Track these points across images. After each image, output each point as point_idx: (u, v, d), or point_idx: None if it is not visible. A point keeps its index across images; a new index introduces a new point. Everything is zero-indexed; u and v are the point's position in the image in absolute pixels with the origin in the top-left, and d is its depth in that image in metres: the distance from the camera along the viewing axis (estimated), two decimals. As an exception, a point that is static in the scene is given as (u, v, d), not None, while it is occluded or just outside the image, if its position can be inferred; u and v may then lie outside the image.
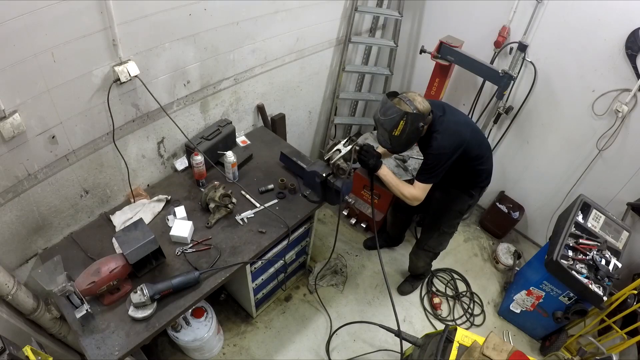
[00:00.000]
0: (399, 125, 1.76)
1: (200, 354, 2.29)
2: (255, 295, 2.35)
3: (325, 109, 3.27)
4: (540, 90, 2.71)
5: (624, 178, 2.60)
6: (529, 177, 3.12)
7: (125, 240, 1.60)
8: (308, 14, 2.45)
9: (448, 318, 2.79)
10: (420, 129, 1.82)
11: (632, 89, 2.28)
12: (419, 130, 1.82)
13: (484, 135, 2.26)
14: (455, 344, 1.75)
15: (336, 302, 2.77)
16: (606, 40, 2.29)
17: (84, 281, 1.51)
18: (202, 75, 2.08)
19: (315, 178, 2.04)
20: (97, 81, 1.63)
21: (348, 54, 2.92)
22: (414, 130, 1.80)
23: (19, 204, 1.63)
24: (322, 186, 2.05)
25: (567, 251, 2.29)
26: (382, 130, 1.84)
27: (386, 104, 1.78)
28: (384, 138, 1.88)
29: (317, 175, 2.02)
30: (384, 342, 2.58)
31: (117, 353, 1.48)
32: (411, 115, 1.75)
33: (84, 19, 1.46)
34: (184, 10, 1.77)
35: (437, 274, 3.02)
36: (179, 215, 1.96)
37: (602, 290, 2.16)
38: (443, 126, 1.87)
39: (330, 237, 3.18)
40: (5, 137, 1.42)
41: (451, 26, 2.81)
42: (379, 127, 1.85)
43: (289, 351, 2.49)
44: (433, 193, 2.01)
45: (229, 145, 2.31)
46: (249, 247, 1.90)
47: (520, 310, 2.65)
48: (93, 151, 1.80)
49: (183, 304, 1.66)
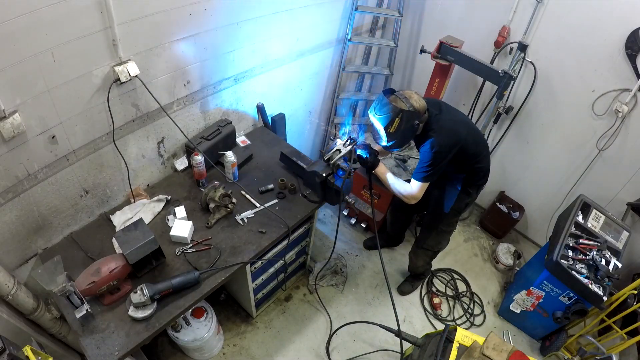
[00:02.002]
0: (394, 123, 1.77)
1: (200, 354, 2.29)
2: (255, 295, 2.35)
3: (325, 109, 3.27)
4: (540, 90, 2.71)
5: (624, 178, 2.60)
6: (529, 177, 3.12)
7: (125, 240, 1.60)
8: (308, 14, 2.45)
9: (448, 318, 2.79)
10: (415, 127, 1.82)
11: (632, 89, 2.28)
12: (414, 128, 1.82)
13: (481, 134, 2.25)
14: (455, 344, 1.75)
15: (336, 302, 2.77)
16: (606, 40, 2.29)
17: (84, 281, 1.51)
18: (202, 75, 2.09)
19: (315, 178, 2.04)
20: (97, 81, 1.63)
21: (348, 54, 2.92)
22: (409, 128, 1.80)
23: (19, 204, 1.63)
24: (322, 186, 2.05)
25: (567, 251, 2.29)
26: (377, 126, 1.84)
27: (382, 100, 1.79)
28: (379, 135, 1.88)
29: (317, 175, 2.02)
30: (384, 342, 2.58)
31: (117, 353, 1.48)
32: (406, 113, 1.75)
33: (84, 19, 1.46)
34: (184, 10, 1.77)
35: (437, 274, 3.02)
36: (179, 215, 1.96)
37: (602, 290, 2.16)
38: (439, 124, 1.87)
39: (330, 237, 3.18)
40: (5, 137, 1.43)
41: (451, 26, 2.81)
42: (374, 124, 1.86)
43: (289, 351, 2.49)
44: (431, 191, 2.01)
45: (229, 145, 2.31)
46: (249, 247, 1.91)
47: (520, 310, 2.65)
48: (93, 151, 1.80)
49: (183, 304, 1.66)
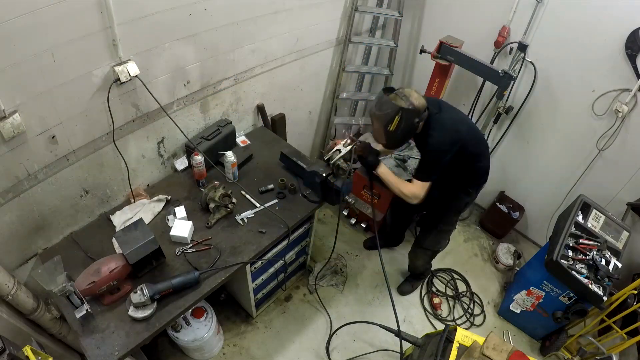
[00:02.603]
0: (394, 121, 1.76)
1: (200, 354, 2.29)
2: (255, 295, 2.35)
3: (325, 109, 3.27)
4: (540, 90, 2.71)
5: (624, 178, 2.60)
6: (529, 177, 3.12)
7: (125, 240, 1.60)
8: (308, 14, 2.45)
9: (448, 318, 2.79)
10: (415, 125, 1.81)
11: (632, 89, 2.28)
12: (414, 126, 1.81)
13: (481, 133, 2.25)
14: (455, 344, 1.75)
15: (336, 302, 2.77)
16: (606, 40, 2.28)
17: (84, 281, 1.51)
18: (202, 75, 2.08)
19: (315, 178, 2.04)
20: (97, 81, 1.63)
21: (348, 54, 2.92)
22: (409, 126, 1.80)
23: (19, 204, 1.63)
24: (322, 186, 2.05)
25: (567, 251, 2.29)
26: (377, 125, 1.84)
27: (382, 99, 1.78)
28: (379, 133, 1.88)
29: (317, 175, 2.02)
30: (384, 342, 2.58)
31: (117, 353, 1.48)
32: (406, 111, 1.74)
33: (84, 19, 1.45)
34: (184, 10, 1.77)
35: (437, 274, 3.02)
36: (179, 215, 1.96)
37: (602, 290, 2.16)
38: (439, 123, 1.86)
39: (330, 237, 3.17)
40: (5, 137, 1.43)
41: (451, 26, 2.81)
42: (374, 122, 1.85)
43: (289, 351, 2.49)
44: (431, 191, 2.02)
45: (229, 145, 2.31)
46: (249, 247, 1.90)
47: (520, 310, 2.65)
48: (93, 151, 1.80)
49: (183, 304, 1.66)
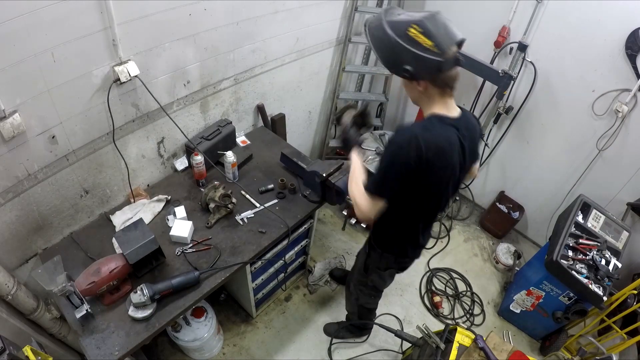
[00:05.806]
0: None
1: (200, 354, 2.29)
2: (255, 295, 2.35)
3: (325, 109, 3.27)
4: (540, 90, 2.71)
5: (624, 178, 2.60)
6: (529, 177, 3.12)
7: (125, 240, 1.60)
8: (308, 14, 2.45)
9: (448, 317, 2.79)
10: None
11: (632, 89, 2.28)
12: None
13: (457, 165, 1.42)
14: (455, 344, 1.75)
15: (336, 302, 2.77)
16: (606, 40, 2.29)
17: (84, 281, 1.50)
18: (202, 75, 2.08)
19: (315, 178, 2.04)
20: (97, 81, 1.63)
21: (348, 54, 2.92)
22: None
23: (19, 204, 1.63)
24: (322, 186, 2.05)
25: (567, 251, 2.29)
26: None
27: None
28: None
29: (317, 175, 2.02)
30: (384, 342, 2.58)
31: (117, 353, 1.48)
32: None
33: (84, 19, 1.45)
34: (184, 10, 1.77)
35: (436, 274, 3.02)
36: (179, 215, 1.96)
37: (602, 290, 2.16)
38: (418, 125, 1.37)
39: (330, 237, 3.18)
40: (5, 137, 1.42)
41: (451, 26, 2.81)
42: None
43: (289, 351, 2.49)
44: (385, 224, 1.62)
45: (229, 145, 2.31)
46: (249, 247, 1.90)
47: (520, 310, 2.65)
48: (93, 151, 1.80)
49: (183, 304, 1.66)
